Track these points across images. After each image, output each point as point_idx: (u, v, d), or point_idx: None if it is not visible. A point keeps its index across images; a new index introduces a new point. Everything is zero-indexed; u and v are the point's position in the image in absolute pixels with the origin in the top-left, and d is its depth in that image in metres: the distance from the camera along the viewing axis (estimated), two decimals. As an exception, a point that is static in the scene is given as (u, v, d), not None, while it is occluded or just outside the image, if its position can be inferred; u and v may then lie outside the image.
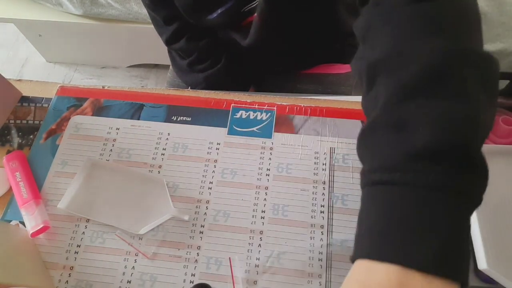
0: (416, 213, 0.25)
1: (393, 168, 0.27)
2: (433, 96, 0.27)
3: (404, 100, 0.28)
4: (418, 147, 0.26)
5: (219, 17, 0.57)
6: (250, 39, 0.59)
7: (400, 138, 0.27)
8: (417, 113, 0.27)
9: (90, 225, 0.48)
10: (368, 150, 0.30)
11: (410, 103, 0.28)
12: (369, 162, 0.29)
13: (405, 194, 0.26)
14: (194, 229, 0.47)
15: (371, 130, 0.30)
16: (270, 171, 0.50)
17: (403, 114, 0.28)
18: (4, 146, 0.54)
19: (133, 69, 1.58)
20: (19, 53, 1.64)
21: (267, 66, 0.71)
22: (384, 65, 0.30)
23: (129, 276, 0.44)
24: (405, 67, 0.28)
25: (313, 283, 0.43)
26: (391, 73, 0.29)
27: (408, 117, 0.27)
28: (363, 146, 0.31)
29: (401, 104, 0.28)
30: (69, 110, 0.56)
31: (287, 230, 0.46)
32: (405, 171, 0.26)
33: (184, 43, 0.64)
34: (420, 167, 0.26)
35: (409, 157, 0.26)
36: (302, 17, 0.59)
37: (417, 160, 0.26)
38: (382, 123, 0.29)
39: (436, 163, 0.26)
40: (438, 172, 0.25)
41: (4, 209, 0.49)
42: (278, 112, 0.54)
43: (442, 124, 0.26)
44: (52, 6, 1.25)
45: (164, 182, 0.49)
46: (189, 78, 0.71)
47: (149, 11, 0.65)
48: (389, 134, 0.28)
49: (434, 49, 0.28)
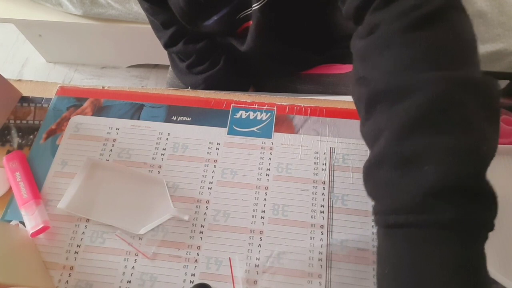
0: (437, 253, 0.26)
1: (406, 209, 0.27)
2: (436, 130, 0.27)
3: (407, 136, 0.28)
4: (428, 186, 0.26)
5: (214, 24, 0.58)
6: (247, 46, 0.59)
7: (408, 177, 0.27)
8: (422, 150, 0.27)
9: (90, 225, 0.48)
10: (377, 188, 0.30)
11: (414, 138, 0.28)
12: (381, 201, 0.30)
13: (422, 235, 0.27)
14: (194, 229, 0.47)
15: (378, 166, 0.30)
16: (270, 171, 0.50)
17: (408, 151, 0.28)
18: (4, 146, 0.54)
19: (133, 69, 1.58)
20: (19, 53, 1.64)
21: (267, 68, 0.72)
22: (385, 95, 0.30)
23: (129, 276, 0.44)
24: (406, 99, 0.28)
25: (313, 283, 0.43)
26: (392, 105, 0.29)
27: (413, 154, 0.27)
28: (371, 182, 0.31)
29: (405, 140, 0.28)
30: (69, 110, 0.56)
31: (287, 230, 0.46)
32: (419, 212, 0.26)
33: (182, 46, 0.65)
34: (433, 207, 0.26)
35: (420, 197, 0.27)
36: (298, 24, 0.59)
37: (428, 199, 0.26)
38: (388, 159, 0.29)
39: (447, 200, 0.26)
40: (451, 209, 0.26)
41: (4, 209, 0.49)
42: (278, 112, 0.54)
43: (448, 159, 0.26)
44: (52, 6, 1.25)
45: (164, 182, 0.49)
46: (189, 80, 0.71)
47: (148, 15, 0.65)
48: (397, 172, 0.28)
49: (433, 80, 0.28)
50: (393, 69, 0.31)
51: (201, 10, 0.57)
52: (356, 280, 0.43)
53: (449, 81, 0.28)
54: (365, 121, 0.32)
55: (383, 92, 0.30)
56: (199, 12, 0.57)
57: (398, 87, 0.29)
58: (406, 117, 0.28)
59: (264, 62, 0.67)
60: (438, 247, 0.26)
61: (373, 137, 0.31)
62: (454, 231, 0.26)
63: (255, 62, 0.67)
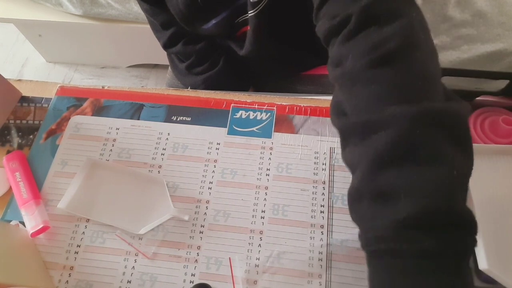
0: (418, 282, 0.27)
1: (387, 239, 0.28)
2: (407, 164, 0.29)
3: (380, 171, 0.29)
4: (405, 217, 0.27)
5: (213, 28, 0.58)
6: (246, 50, 0.59)
7: (387, 209, 0.29)
8: (395, 184, 0.29)
9: (90, 225, 0.47)
10: (360, 219, 0.32)
11: (387, 173, 0.29)
12: (364, 230, 0.31)
13: (403, 265, 0.27)
14: (194, 229, 0.47)
15: (358, 199, 0.31)
16: (270, 171, 0.50)
17: (383, 186, 0.29)
18: (4, 146, 0.54)
19: (133, 69, 1.57)
20: (19, 53, 1.64)
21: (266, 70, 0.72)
22: (355, 129, 0.32)
23: (129, 276, 0.44)
24: (375, 134, 0.30)
25: (313, 283, 0.43)
26: (363, 139, 0.31)
27: (388, 188, 0.29)
28: (354, 213, 0.33)
29: (379, 175, 0.30)
30: (69, 110, 0.56)
31: (287, 230, 0.46)
32: (400, 242, 0.27)
33: (181, 47, 0.65)
34: (413, 237, 0.27)
35: (400, 228, 0.28)
36: (295, 27, 0.59)
37: (408, 230, 0.27)
38: (366, 194, 0.30)
39: (427, 230, 0.27)
40: (431, 240, 0.27)
41: (4, 209, 0.49)
42: (278, 112, 0.54)
43: (421, 191, 0.28)
44: (52, 6, 1.25)
45: (164, 182, 0.49)
46: (188, 81, 0.71)
47: (147, 16, 0.65)
48: (375, 206, 0.29)
49: (399, 115, 0.29)
50: (362, 104, 0.32)
51: (200, 14, 0.57)
52: (356, 280, 0.43)
53: (414, 117, 0.29)
54: (342, 150, 0.34)
55: (353, 125, 0.32)
56: (198, 15, 0.57)
57: (367, 122, 0.31)
58: (377, 155, 0.30)
59: (263, 63, 0.67)
60: (421, 276, 0.27)
61: (350, 166, 0.33)
62: (435, 260, 0.27)
63: (254, 64, 0.67)
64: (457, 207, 0.28)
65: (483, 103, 0.51)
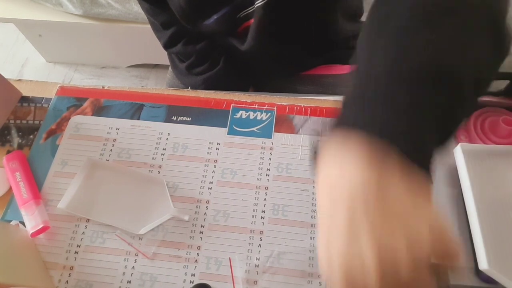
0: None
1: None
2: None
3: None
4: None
5: (215, 23, 0.58)
6: (248, 45, 0.59)
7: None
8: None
9: (90, 225, 0.47)
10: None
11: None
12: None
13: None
14: (194, 229, 0.47)
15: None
16: (270, 171, 0.50)
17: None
18: (4, 146, 0.54)
19: (133, 69, 1.58)
20: (19, 53, 1.64)
21: (266, 69, 0.72)
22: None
23: (129, 276, 0.44)
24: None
25: (313, 283, 0.43)
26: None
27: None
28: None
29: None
30: (69, 110, 0.56)
31: (287, 230, 0.46)
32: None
33: (181, 47, 0.65)
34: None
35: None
36: (299, 24, 0.59)
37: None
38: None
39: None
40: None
41: (4, 209, 0.49)
42: (278, 112, 0.54)
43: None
44: (52, 6, 1.25)
45: (164, 182, 0.49)
46: (188, 81, 0.71)
47: (148, 16, 0.65)
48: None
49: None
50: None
51: (202, 9, 0.57)
52: (356, 280, 0.43)
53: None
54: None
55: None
56: (200, 11, 0.57)
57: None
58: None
59: (263, 62, 0.67)
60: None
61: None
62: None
63: (254, 62, 0.67)
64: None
65: (483, 103, 0.51)
